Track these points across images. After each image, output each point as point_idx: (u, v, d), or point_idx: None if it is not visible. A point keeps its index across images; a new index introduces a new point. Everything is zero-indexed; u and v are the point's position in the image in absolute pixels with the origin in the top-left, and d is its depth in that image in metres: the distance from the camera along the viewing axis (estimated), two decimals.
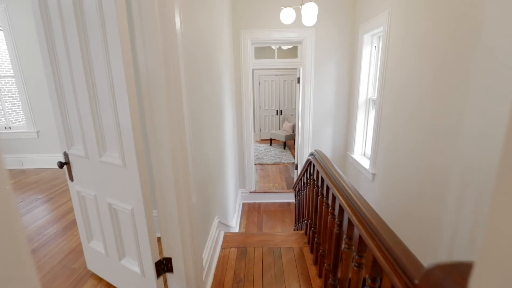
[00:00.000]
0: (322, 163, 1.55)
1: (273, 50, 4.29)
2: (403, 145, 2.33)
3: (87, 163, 1.37)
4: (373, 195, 2.94)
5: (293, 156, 6.34)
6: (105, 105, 1.16)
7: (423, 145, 2.00)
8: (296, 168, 4.32)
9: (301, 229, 2.31)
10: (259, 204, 4.12)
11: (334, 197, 1.30)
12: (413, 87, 2.13)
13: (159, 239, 1.27)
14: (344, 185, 1.18)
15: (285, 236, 2.08)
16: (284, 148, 7.01)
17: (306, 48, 3.57)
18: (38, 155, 4.25)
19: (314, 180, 1.80)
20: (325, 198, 1.49)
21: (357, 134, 3.53)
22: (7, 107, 4.53)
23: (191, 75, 1.38)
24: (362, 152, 3.57)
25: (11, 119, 4.62)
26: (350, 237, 1.12)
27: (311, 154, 1.85)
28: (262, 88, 7.65)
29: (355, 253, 1.01)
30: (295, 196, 2.89)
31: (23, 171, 4.14)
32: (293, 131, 6.86)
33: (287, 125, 7.05)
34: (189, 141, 1.26)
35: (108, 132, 1.21)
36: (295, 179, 4.53)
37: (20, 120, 4.68)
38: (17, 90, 4.14)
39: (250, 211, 3.90)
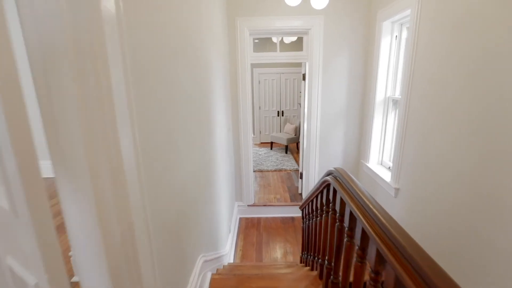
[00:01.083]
0: (352, 192, 1.02)
1: (275, 44, 3.77)
2: (436, 152, 1.82)
3: None
4: (396, 212, 2.43)
5: (296, 161, 5.82)
6: None
7: (465, 151, 1.50)
8: (301, 177, 3.80)
9: (311, 265, 1.79)
10: (259, 219, 3.60)
11: (380, 257, 0.78)
12: (449, 81, 1.61)
13: None
14: (407, 247, 0.66)
15: (293, 280, 1.56)
16: (286, 152, 6.49)
17: (313, 39, 3.05)
18: None
19: (335, 211, 1.29)
20: (357, 248, 0.96)
21: (373, 140, 3.01)
22: None
23: (155, 59, 0.87)
24: (379, 160, 3.05)
25: None
26: None
27: (330, 173, 1.33)
28: (262, 87, 7.13)
29: None
30: (302, 218, 2.37)
31: None
32: (296, 133, 6.34)
33: (289, 127, 6.53)
34: (136, 159, 0.75)
35: None
36: (300, 190, 3.99)
37: None
38: None
39: (248, 228, 3.38)
